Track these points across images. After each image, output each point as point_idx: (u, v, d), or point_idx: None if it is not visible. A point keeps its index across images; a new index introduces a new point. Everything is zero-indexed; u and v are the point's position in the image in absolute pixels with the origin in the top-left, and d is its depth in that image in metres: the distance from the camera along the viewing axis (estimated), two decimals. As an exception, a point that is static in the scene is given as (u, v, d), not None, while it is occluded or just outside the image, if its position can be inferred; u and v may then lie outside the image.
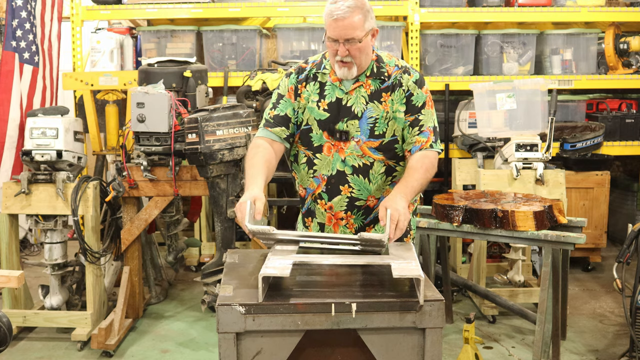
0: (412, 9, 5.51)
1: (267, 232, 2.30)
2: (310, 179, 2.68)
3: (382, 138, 2.60)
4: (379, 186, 2.64)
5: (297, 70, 2.72)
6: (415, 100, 2.62)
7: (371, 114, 2.59)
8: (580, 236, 3.47)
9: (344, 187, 2.62)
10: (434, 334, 1.99)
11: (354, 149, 2.60)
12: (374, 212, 2.67)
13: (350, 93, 2.62)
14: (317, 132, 2.63)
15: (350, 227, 2.68)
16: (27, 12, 4.81)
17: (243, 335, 1.98)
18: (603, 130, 5.54)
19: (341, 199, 2.64)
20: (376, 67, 2.62)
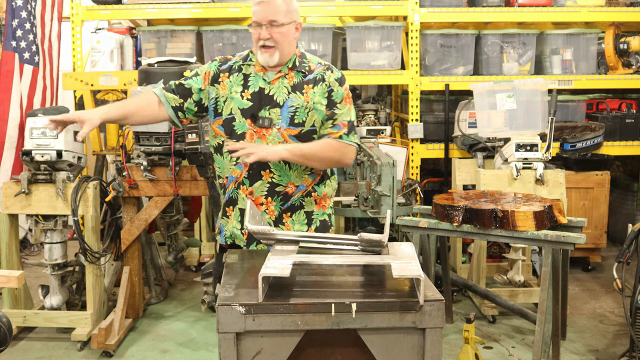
0: (412, 9, 5.51)
1: (267, 232, 2.30)
2: (232, 167, 2.76)
3: (302, 127, 2.72)
4: (299, 174, 2.75)
5: (221, 60, 2.85)
6: (335, 96, 2.77)
7: (292, 103, 2.72)
8: (580, 236, 3.47)
9: (266, 172, 2.72)
10: (434, 334, 1.99)
11: (276, 135, 2.70)
12: (291, 199, 2.77)
13: (273, 83, 2.75)
14: (240, 121, 2.73)
15: (271, 213, 2.75)
16: (27, 12, 4.81)
17: (243, 335, 1.98)
18: (603, 130, 5.54)
19: (262, 184, 2.72)
20: (299, 61, 2.79)
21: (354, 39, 5.61)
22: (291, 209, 2.78)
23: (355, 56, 5.61)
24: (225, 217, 2.85)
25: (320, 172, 2.83)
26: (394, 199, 4.09)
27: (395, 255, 2.23)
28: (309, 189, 2.79)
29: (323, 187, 2.85)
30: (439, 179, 5.97)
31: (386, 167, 4.02)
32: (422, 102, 5.66)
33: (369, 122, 5.98)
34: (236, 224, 2.80)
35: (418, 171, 5.61)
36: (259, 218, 2.48)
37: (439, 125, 5.73)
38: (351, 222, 5.60)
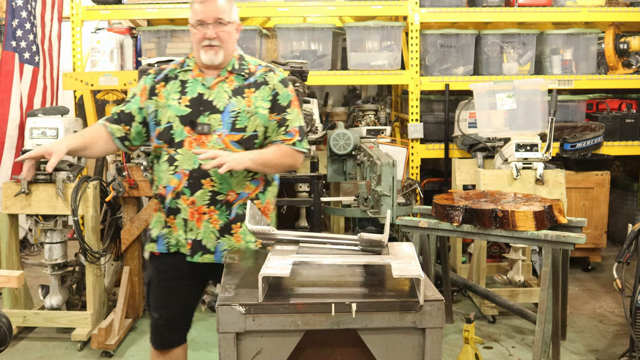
0: (412, 9, 5.51)
1: (267, 232, 2.30)
2: (171, 176, 2.66)
3: (243, 132, 2.64)
4: (240, 181, 2.66)
5: (156, 71, 2.78)
6: (281, 99, 2.70)
7: (233, 108, 2.63)
8: (580, 236, 3.47)
9: (206, 180, 2.62)
10: (434, 334, 1.99)
11: (216, 142, 2.62)
12: (233, 208, 2.68)
13: (212, 88, 2.67)
14: (178, 128, 2.64)
15: (214, 222, 2.66)
16: (27, 12, 4.81)
17: (243, 335, 1.98)
18: (603, 130, 5.54)
19: (203, 193, 2.63)
20: (238, 63, 2.71)
21: (354, 39, 5.61)
22: (239, 219, 2.68)
23: (355, 56, 5.61)
24: (166, 227, 2.72)
25: (263, 179, 2.74)
26: (394, 199, 4.09)
27: (395, 255, 2.23)
28: (253, 197, 2.71)
29: (267, 194, 2.78)
30: (439, 179, 5.97)
31: (386, 167, 4.02)
32: (422, 102, 5.66)
33: (369, 122, 5.98)
34: (181, 233, 2.69)
35: (418, 171, 5.61)
36: (258, 218, 2.48)
37: (439, 125, 5.73)
38: (351, 222, 5.59)
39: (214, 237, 2.66)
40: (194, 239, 2.67)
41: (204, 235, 2.66)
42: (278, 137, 2.71)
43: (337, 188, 5.68)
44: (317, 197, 4.77)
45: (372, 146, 4.80)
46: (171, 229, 2.72)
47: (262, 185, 2.74)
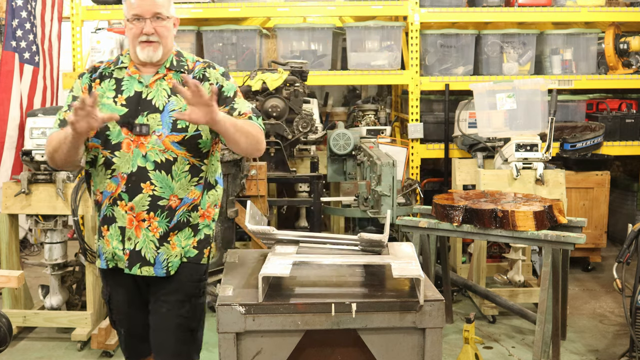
0: (412, 9, 5.51)
1: (267, 232, 2.30)
2: (107, 181, 2.48)
3: (185, 132, 2.46)
4: (183, 185, 2.48)
5: (90, 70, 2.60)
6: (227, 91, 2.55)
7: (173, 107, 2.47)
8: (580, 236, 3.47)
9: (146, 184, 2.44)
10: (434, 334, 1.99)
11: (156, 143, 2.45)
12: (176, 214, 2.48)
13: (150, 86, 2.50)
14: (114, 129, 2.46)
15: (154, 230, 2.46)
16: (27, 12, 4.81)
17: (243, 335, 1.98)
18: (603, 130, 5.54)
19: (143, 198, 2.44)
20: (176, 60, 2.56)
21: (354, 39, 5.61)
22: (178, 226, 2.49)
23: (355, 56, 5.61)
24: (101, 238, 2.53)
25: (205, 183, 2.55)
26: (394, 199, 4.09)
27: (395, 255, 2.23)
28: (196, 203, 2.51)
29: (207, 198, 2.56)
30: (439, 179, 5.96)
31: (386, 167, 4.02)
32: (422, 102, 5.66)
33: (369, 122, 5.98)
34: (117, 244, 2.48)
35: (418, 171, 5.61)
36: (258, 218, 2.48)
37: (439, 125, 5.73)
38: (351, 222, 5.60)
39: (154, 247, 2.47)
40: (132, 249, 2.46)
41: (143, 244, 2.46)
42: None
43: (337, 188, 5.68)
44: (317, 197, 4.77)
45: (372, 146, 4.81)
46: (104, 241, 2.52)
47: (204, 190, 2.55)
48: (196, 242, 2.54)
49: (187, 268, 2.52)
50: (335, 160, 5.03)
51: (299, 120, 4.73)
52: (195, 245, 2.53)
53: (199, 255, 2.55)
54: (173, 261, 2.50)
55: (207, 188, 2.55)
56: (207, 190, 2.55)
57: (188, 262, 2.52)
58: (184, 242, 2.51)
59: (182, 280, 2.52)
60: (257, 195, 4.39)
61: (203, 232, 2.56)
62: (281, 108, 4.75)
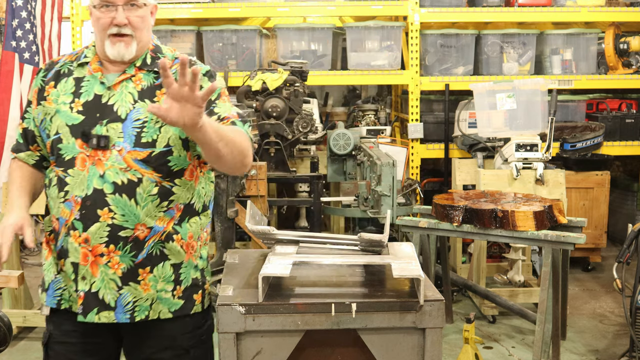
0: (412, 9, 5.51)
1: (267, 232, 2.30)
2: (61, 205, 2.02)
3: (152, 148, 2.00)
4: (150, 211, 2.01)
5: (47, 67, 2.16)
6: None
7: (138, 116, 2.01)
8: (580, 236, 3.47)
9: (103, 211, 1.97)
10: (434, 334, 1.99)
11: (116, 160, 1.98)
12: (145, 247, 2.02)
13: (113, 88, 2.04)
14: (68, 142, 2.02)
15: (115, 267, 2.00)
16: (27, 12, 4.82)
17: (243, 335, 1.98)
18: (603, 130, 5.54)
19: (100, 228, 1.98)
20: (151, 57, 2.09)
21: (354, 39, 5.61)
22: (150, 260, 2.03)
23: (355, 56, 5.61)
24: (61, 272, 2.07)
25: (180, 207, 2.07)
26: (394, 199, 4.09)
27: (395, 255, 2.23)
28: (169, 230, 2.05)
29: (188, 226, 2.09)
30: (439, 179, 5.96)
31: (386, 167, 4.02)
32: (422, 102, 5.66)
33: (369, 122, 5.98)
34: (71, 284, 2.04)
35: (418, 171, 5.61)
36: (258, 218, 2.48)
37: (439, 125, 5.73)
38: (351, 222, 5.60)
39: (115, 287, 2.01)
40: (87, 291, 2.00)
41: (101, 284, 2.00)
42: None
43: (337, 188, 5.68)
44: (317, 197, 4.77)
45: (372, 146, 4.81)
46: (62, 274, 2.08)
47: (178, 215, 2.07)
48: (181, 292, 2.10)
49: (177, 323, 2.10)
50: (335, 160, 5.03)
51: (299, 120, 4.73)
52: (181, 295, 2.10)
53: (186, 305, 2.11)
54: (142, 305, 2.04)
55: (187, 214, 2.09)
56: (188, 218, 2.09)
57: (175, 317, 2.09)
58: (162, 284, 2.06)
59: (171, 336, 2.11)
60: (257, 195, 4.39)
61: (189, 276, 2.12)
62: (281, 108, 4.75)
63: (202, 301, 2.16)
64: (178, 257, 2.08)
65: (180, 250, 2.08)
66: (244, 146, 1.98)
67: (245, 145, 2.00)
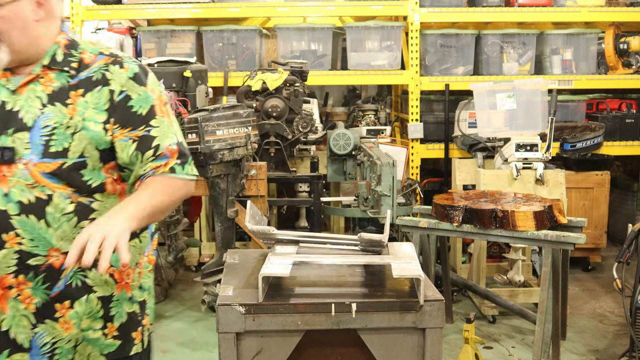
0: (412, 9, 5.51)
1: (267, 232, 2.30)
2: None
3: (63, 158, 1.72)
4: (66, 234, 1.73)
5: None
6: (137, 106, 1.78)
7: (47, 122, 1.72)
8: (580, 236, 3.47)
9: (9, 235, 1.71)
10: (434, 334, 1.99)
11: (22, 175, 1.71)
12: (63, 279, 1.74)
13: (19, 92, 1.76)
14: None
15: (27, 301, 1.73)
16: (27, 12, 4.81)
17: (243, 335, 1.98)
18: (603, 130, 5.54)
19: (6, 256, 1.71)
20: (64, 54, 1.79)
21: (354, 39, 5.61)
22: (69, 293, 1.74)
23: (355, 56, 5.61)
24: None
25: None
26: (394, 199, 4.09)
27: (395, 255, 2.23)
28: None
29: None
30: (439, 179, 5.96)
31: (386, 167, 4.03)
32: (422, 102, 5.66)
33: (369, 122, 5.98)
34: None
35: (418, 171, 5.61)
36: (258, 218, 2.48)
37: (439, 125, 5.74)
38: (351, 222, 5.60)
39: (28, 325, 1.74)
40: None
41: (12, 322, 1.73)
42: (146, 166, 1.78)
43: (337, 188, 5.68)
44: (317, 197, 4.77)
45: (372, 146, 4.81)
46: None
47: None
48: (116, 330, 1.82)
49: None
50: (335, 160, 5.04)
51: (299, 120, 4.73)
52: (117, 335, 1.82)
53: (124, 346, 1.83)
54: (63, 348, 1.76)
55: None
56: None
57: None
58: (88, 322, 1.78)
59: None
60: (257, 195, 4.39)
61: (122, 311, 1.82)
62: (281, 108, 4.75)
63: (142, 339, 1.88)
64: (106, 289, 1.79)
65: (107, 280, 1.78)
66: (176, 201, 1.81)
67: (179, 197, 1.81)
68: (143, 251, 1.88)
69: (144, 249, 1.89)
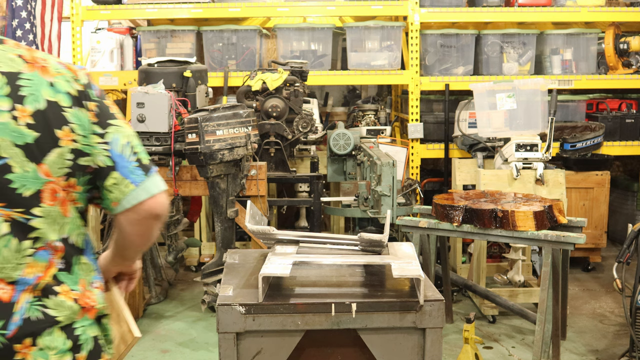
0: (412, 9, 5.51)
1: (267, 232, 2.30)
2: None
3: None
4: (8, 259, 1.44)
5: None
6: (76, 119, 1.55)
7: None
8: (580, 236, 3.47)
9: None
10: (434, 334, 1.99)
11: None
12: (18, 312, 1.44)
13: None
14: None
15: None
16: (27, 12, 4.82)
17: (243, 335, 1.98)
18: (603, 130, 5.54)
19: None
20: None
21: (354, 39, 5.61)
22: (29, 329, 1.45)
23: (355, 56, 5.61)
24: None
25: (61, 248, 1.51)
26: (394, 199, 4.09)
27: (395, 255, 2.23)
28: (48, 281, 1.48)
29: (78, 270, 1.55)
30: (439, 179, 5.97)
31: (386, 167, 4.03)
32: (422, 102, 5.66)
33: (369, 122, 5.98)
34: None
35: (418, 171, 5.61)
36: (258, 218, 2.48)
37: (439, 125, 5.74)
38: (351, 222, 5.60)
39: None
40: None
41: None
42: (113, 191, 1.56)
43: (337, 188, 5.68)
44: (317, 197, 4.77)
45: (372, 146, 4.81)
46: None
47: (58, 259, 1.51)
48: (84, 359, 1.54)
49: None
50: (335, 160, 5.04)
51: (299, 120, 4.73)
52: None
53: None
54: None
55: (74, 254, 1.55)
56: (75, 258, 1.55)
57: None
58: (56, 358, 1.49)
59: None
60: (257, 195, 4.39)
61: (87, 337, 1.55)
62: (281, 108, 4.75)
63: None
64: (70, 317, 1.51)
65: (72, 305, 1.51)
66: (149, 234, 1.64)
67: (151, 232, 1.63)
68: (89, 272, 1.59)
69: (89, 270, 1.59)
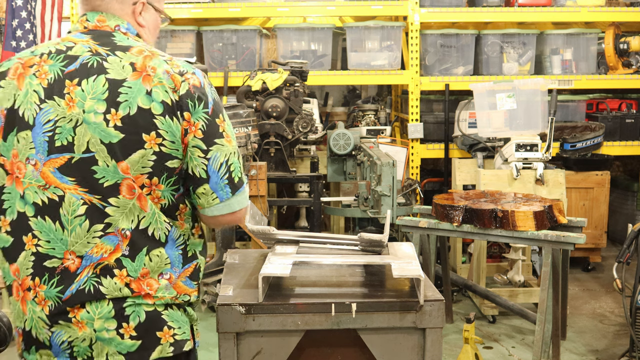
0: (412, 9, 5.51)
1: (267, 232, 2.30)
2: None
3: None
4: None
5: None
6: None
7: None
8: (580, 236, 3.47)
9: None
10: (434, 334, 1.99)
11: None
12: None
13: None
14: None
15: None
16: (27, 12, 4.82)
17: (243, 335, 1.98)
18: (603, 130, 5.54)
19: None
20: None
21: (354, 39, 5.61)
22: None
23: (355, 56, 5.61)
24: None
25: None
26: (394, 199, 4.09)
27: (395, 255, 2.23)
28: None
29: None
30: (439, 179, 5.97)
31: (386, 167, 4.02)
32: (422, 102, 5.67)
33: (369, 122, 5.98)
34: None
35: (418, 171, 5.61)
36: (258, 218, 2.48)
37: (439, 125, 5.74)
38: (351, 222, 5.60)
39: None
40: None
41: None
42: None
43: (337, 188, 5.68)
44: (317, 197, 4.77)
45: (372, 146, 4.81)
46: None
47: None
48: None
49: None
50: (335, 160, 5.04)
51: (299, 120, 4.73)
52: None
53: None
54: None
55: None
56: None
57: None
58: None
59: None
60: (257, 195, 4.39)
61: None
62: (281, 108, 4.75)
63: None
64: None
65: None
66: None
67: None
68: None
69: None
